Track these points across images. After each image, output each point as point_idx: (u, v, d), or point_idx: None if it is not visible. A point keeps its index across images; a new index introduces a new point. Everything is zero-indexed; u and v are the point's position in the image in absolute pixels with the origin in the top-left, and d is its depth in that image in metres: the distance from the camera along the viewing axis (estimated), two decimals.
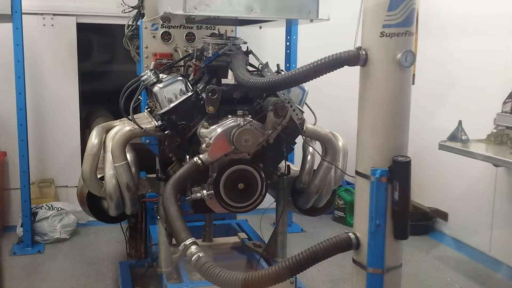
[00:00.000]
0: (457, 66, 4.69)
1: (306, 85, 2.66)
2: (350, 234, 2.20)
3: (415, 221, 5.02)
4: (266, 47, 4.71)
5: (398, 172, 2.07)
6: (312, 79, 2.10)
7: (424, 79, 4.75)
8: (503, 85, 4.03)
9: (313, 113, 3.00)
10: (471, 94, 4.51)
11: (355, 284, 2.27)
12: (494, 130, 4.04)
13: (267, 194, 2.70)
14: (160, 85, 2.65)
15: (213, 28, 3.59)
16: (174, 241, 2.59)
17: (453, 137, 4.05)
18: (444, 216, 5.04)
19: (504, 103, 4.01)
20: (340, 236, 2.19)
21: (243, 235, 3.41)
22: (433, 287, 4.06)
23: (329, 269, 4.22)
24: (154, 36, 3.69)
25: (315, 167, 2.97)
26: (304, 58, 2.24)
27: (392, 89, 2.02)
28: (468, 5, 4.55)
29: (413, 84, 2.20)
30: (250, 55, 2.82)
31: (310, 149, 2.96)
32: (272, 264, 2.72)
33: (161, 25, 3.62)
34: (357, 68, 2.08)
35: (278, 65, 2.96)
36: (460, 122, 4.06)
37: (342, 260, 3.51)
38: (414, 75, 2.04)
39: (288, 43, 4.88)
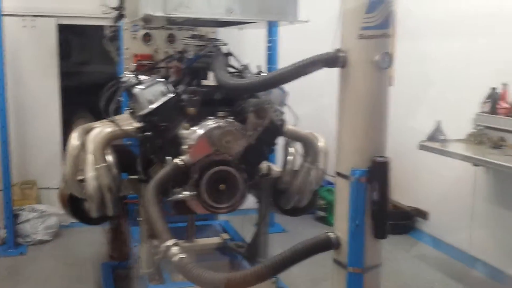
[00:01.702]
0: (436, 67, 4.75)
1: (286, 86, 2.68)
2: (330, 234, 2.22)
3: (396, 220, 5.08)
4: (247, 48, 4.72)
5: (377, 172, 2.10)
6: (292, 81, 2.12)
7: (404, 80, 4.80)
8: (482, 85, 4.09)
9: (294, 114, 3.02)
10: (451, 95, 4.57)
11: (335, 284, 2.29)
12: (474, 130, 4.11)
13: (249, 195, 2.71)
14: (141, 86, 2.65)
15: (194, 30, 3.59)
16: (156, 243, 2.59)
17: (432, 137, 4.11)
18: (424, 215, 5.11)
19: (483, 103, 4.09)
20: (320, 236, 2.21)
21: (225, 235, 3.42)
22: (412, 285, 4.11)
23: (311, 268, 4.23)
24: (134, 37, 3.68)
25: (296, 168, 2.99)
26: (286, 60, 2.26)
27: (370, 91, 2.04)
28: (446, 6, 4.60)
29: (392, 85, 2.23)
30: (231, 57, 2.83)
31: (291, 149, 2.98)
32: (254, 265, 2.73)
33: (142, 26, 3.61)
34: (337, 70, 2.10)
35: (258, 67, 2.98)
36: (439, 122, 4.12)
37: (323, 259, 3.52)
38: (392, 76, 2.07)
39: (269, 45, 4.90)
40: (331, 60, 2.03)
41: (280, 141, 2.87)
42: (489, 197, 4.27)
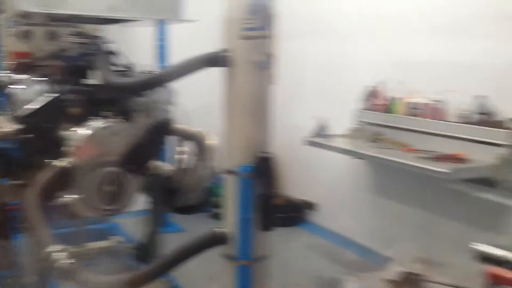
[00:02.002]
0: (322, 67, 5.00)
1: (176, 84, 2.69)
2: (219, 229, 2.28)
3: (287, 213, 5.29)
4: (137, 46, 4.64)
5: (262, 167, 2.18)
6: (177, 79, 2.14)
7: (291, 79, 5.00)
8: (364, 83, 4.37)
9: (183, 112, 3.03)
10: (337, 92, 4.82)
11: (226, 277, 2.35)
12: (354, 126, 4.40)
13: (139, 195, 2.69)
14: (20, 86, 2.52)
15: (76, 27, 3.46)
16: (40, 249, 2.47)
17: (317, 132, 4.32)
18: (313, 207, 5.37)
19: (363, 100, 4.38)
20: (209, 232, 2.26)
21: (116, 238, 3.36)
22: (300, 274, 4.30)
23: (206, 264, 4.27)
24: (13, 34, 3.46)
25: (187, 166, 3.01)
26: (179, 59, 2.25)
27: (252, 90, 2.12)
28: (332, 8, 4.83)
29: (275, 84, 2.32)
30: (118, 55, 2.77)
31: (181, 148, 2.99)
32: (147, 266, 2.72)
33: (20, 22, 3.41)
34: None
35: (146, 65, 2.95)
36: (323, 118, 4.35)
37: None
38: (275, 76, 2.16)
39: (159, 43, 4.86)
40: (215, 59, 2.08)
41: (171, 140, 2.87)
42: (369, 187, 4.59)
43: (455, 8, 3.68)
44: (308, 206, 5.41)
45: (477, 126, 3.44)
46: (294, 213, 5.37)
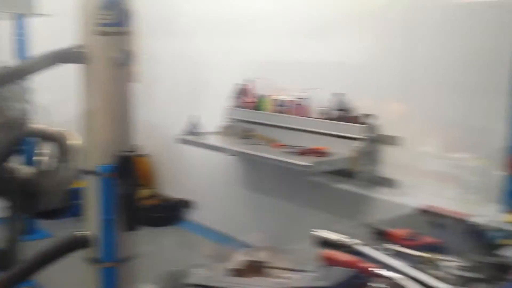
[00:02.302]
0: (194, 64, 5.01)
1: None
2: (81, 232, 2.21)
3: (164, 212, 5.24)
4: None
5: (123, 167, 2.15)
6: (29, 75, 2.03)
7: (165, 78, 4.97)
8: (235, 81, 4.45)
9: (42, 111, 2.89)
10: (210, 90, 4.85)
11: (90, 281, 2.28)
12: (226, 123, 4.47)
13: None
14: None
15: None
16: None
17: (189, 130, 4.34)
18: (190, 205, 5.37)
19: (234, 97, 4.47)
20: (69, 236, 2.18)
21: None
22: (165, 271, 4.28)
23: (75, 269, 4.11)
24: None
25: (48, 168, 2.87)
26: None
27: (111, 87, 2.08)
28: (206, 7, 4.84)
29: (138, 82, 2.30)
30: None
31: (42, 149, 2.85)
32: None
33: None
34: None
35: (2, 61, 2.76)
36: (195, 116, 4.37)
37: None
38: (138, 73, 2.13)
39: (18, 38, 4.54)
40: (68, 55, 2.01)
41: (31, 140, 2.72)
42: (241, 182, 4.70)
43: (315, 10, 3.89)
44: (185, 204, 5.40)
45: (336, 122, 3.67)
46: (170, 212, 5.33)
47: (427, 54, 3.20)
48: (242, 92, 4.37)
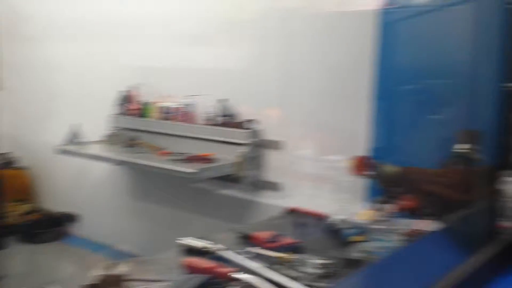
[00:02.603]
0: (74, 72, 4.79)
1: None
2: None
3: (46, 228, 4.94)
4: None
5: None
6: None
7: (39, 87, 4.70)
8: (119, 88, 4.31)
9: None
10: (92, 98, 4.66)
11: None
12: (110, 132, 4.32)
13: None
14: None
15: None
16: None
17: (70, 140, 4.13)
18: (76, 219, 5.12)
19: (117, 104, 4.33)
20: None
21: None
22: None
23: None
24: None
25: None
26: None
27: None
28: (80, 11, 4.66)
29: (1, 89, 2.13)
30: None
31: None
32: None
33: None
34: None
35: None
36: (75, 125, 4.17)
37: None
38: None
39: None
40: None
41: None
42: (128, 192, 4.56)
43: (197, 17, 3.89)
44: (68, 218, 5.13)
45: (221, 128, 3.69)
46: (52, 227, 5.04)
47: (302, 61, 3.32)
48: (126, 99, 4.26)
